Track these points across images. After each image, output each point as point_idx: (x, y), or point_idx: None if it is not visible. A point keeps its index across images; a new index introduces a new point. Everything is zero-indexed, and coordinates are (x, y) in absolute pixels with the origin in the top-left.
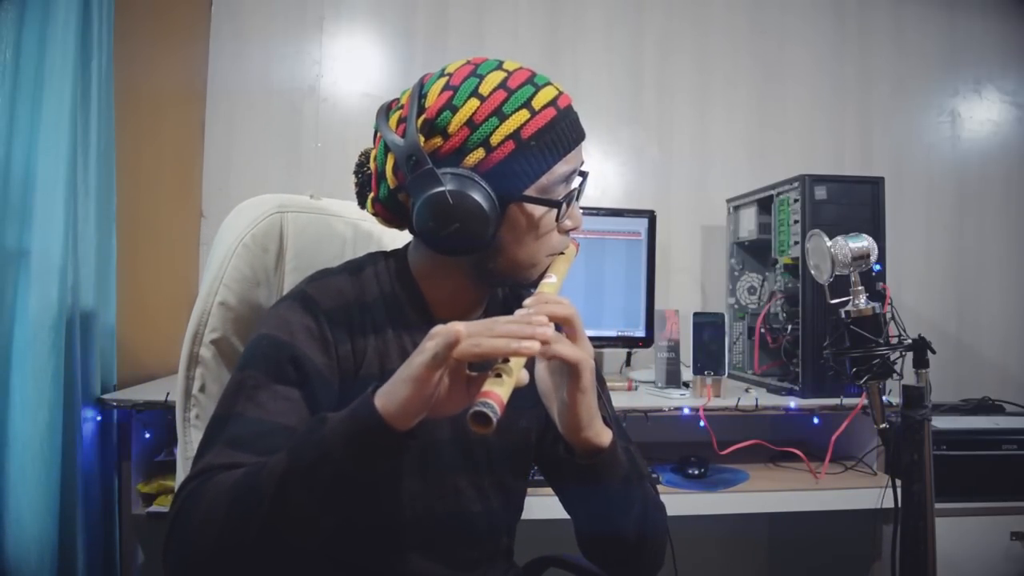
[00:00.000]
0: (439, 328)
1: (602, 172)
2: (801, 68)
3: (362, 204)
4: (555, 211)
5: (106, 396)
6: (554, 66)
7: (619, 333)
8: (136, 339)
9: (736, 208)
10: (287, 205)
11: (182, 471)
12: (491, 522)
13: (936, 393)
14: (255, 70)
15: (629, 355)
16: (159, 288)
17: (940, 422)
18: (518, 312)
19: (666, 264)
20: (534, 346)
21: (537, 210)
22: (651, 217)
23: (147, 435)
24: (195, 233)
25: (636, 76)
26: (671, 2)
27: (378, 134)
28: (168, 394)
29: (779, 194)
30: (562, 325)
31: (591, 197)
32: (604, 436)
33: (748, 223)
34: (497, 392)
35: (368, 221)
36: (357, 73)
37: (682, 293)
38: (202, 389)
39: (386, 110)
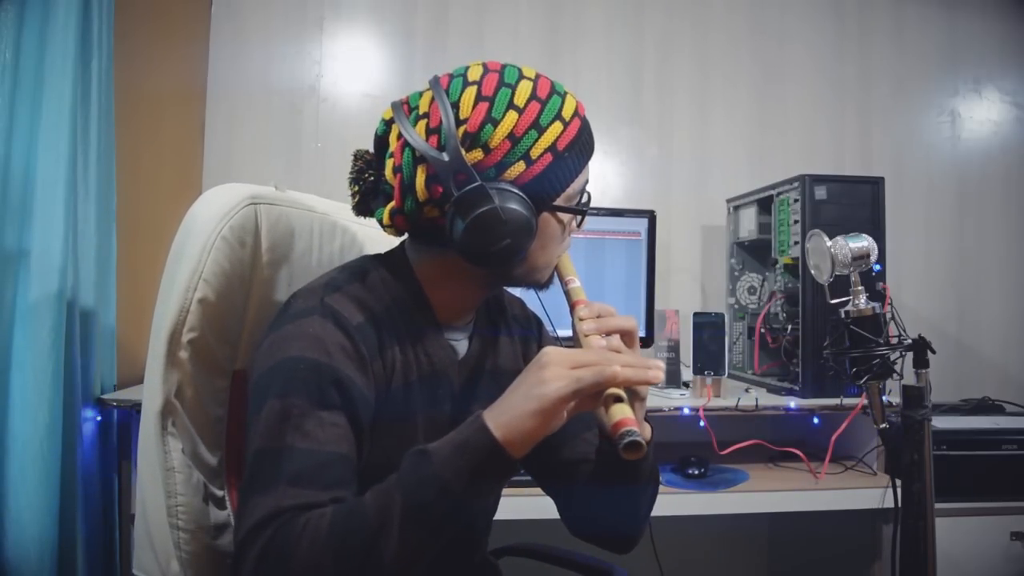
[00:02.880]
0: (551, 358)
1: (602, 172)
2: (801, 68)
3: (362, 212)
4: (572, 218)
5: (106, 396)
6: (554, 66)
7: None
8: (136, 339)
9: (736, 208)
10: (259, 196)
11: (148, 482)
12: (488, 520)
13: (936, 393)
14: (255, 70)
15: None
16: (159, 288)
17: (940, 422)
18: (586, 325)
19: (666, 264)
20: (660, 375)
21: (564, 217)
22: (651, 217)
23: None
24: None
25: (636, 76)
26: (671, 2)
27: (399, 140)
28: None
29: (779, 194)
30: (622, 335)
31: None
32: (647, 431)
33: (748, 223)
34: (631, 416)
35: (333, 215)
36: (357, 73)
37: (682, 293)
38: (178, 394)
39: (406, 125)
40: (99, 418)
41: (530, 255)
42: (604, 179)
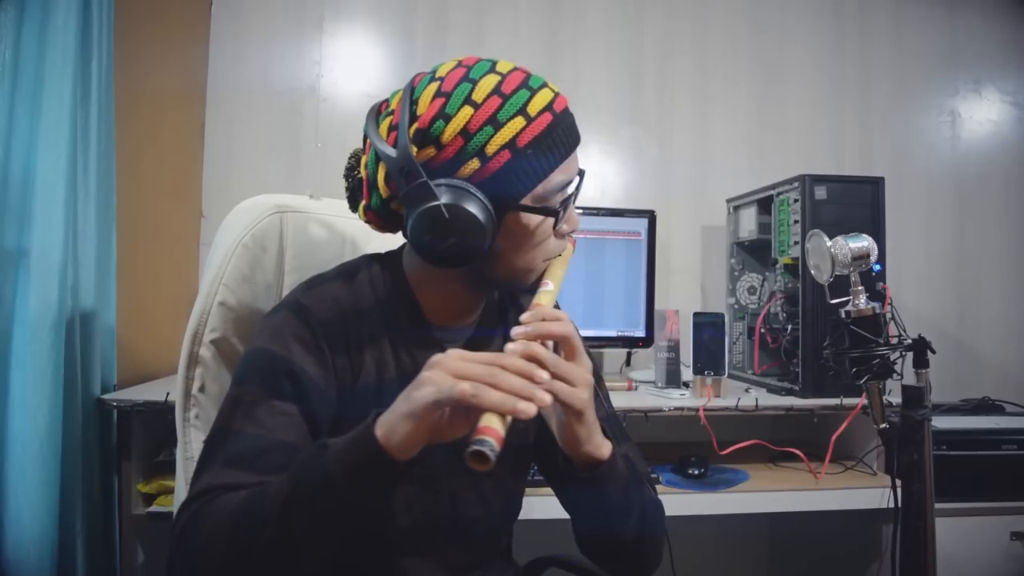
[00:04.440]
0: (439, 360)
1: (602, 172)
2: (801, 68)
3: (353, 209)
4: (548, 219)
5: (106, 396)
6: (554, 66)
7: (619, 333)
8: (136, 339)
9: (736, 208)
10: (286, 205)
11: (182, 472)
12: (491, 524)
13: (936, 393)
14: (255, 70)
15: (629, 355)
16: (159, 288)
17: (940, 422)
18: (515, 330)
19: (666, 264)
20: (531, 410)
21: (534, 219)
22: (651, 217)
23: (147, 435)
24: (195, 233)
25: (636, 76)
26: (671, 2)
27: (368, 139)
28: (168, 394)
29: (779, 194)
30: (560, 344)
31: (591, 197)
32: (604, 449)
33: (748, 223)
34: (496, 428)
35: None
36: (357, 73)
37: (682, 293)
38: (202, 389)
39: (375, 115)
40: (99, 418)
41: (503, 257)
42: (604, 179)
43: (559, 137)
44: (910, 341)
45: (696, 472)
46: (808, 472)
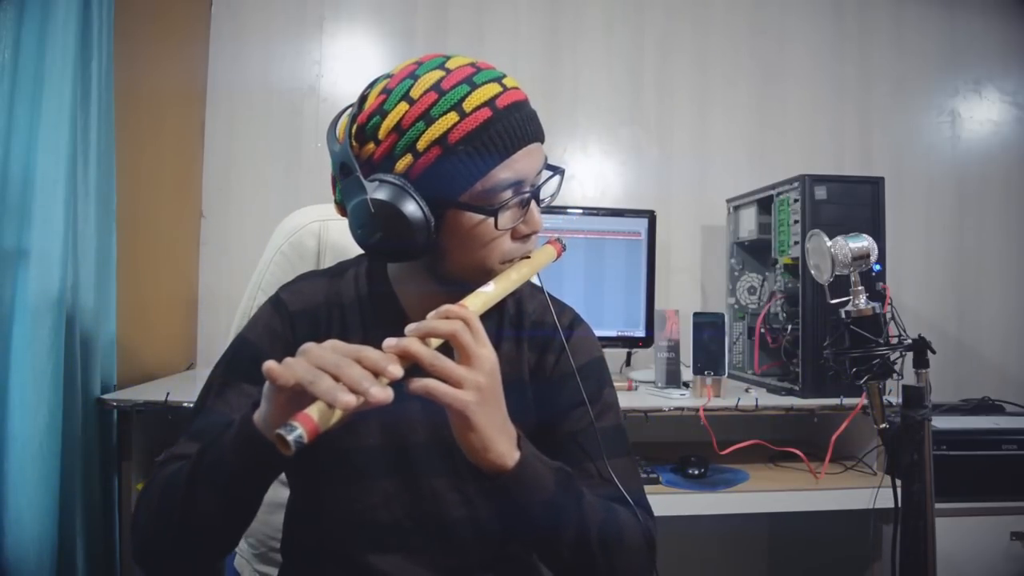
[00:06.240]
0: (305, 348)
1: (602, 172)
2: (801, 68)
3: None
4: (492, 219)
5: (106, 396)
6: (554, 66)
7: (619, 333)
8: (136, 339)
9: (736, 208)
10: (327, 215)
11: None
12: (479, 527)
13: (936, 393)
14: (255, 70)
15: (629, 355)
16: (159, 288)
17: (940, 422)
18: (408, 327)
19: (666, 264)
20: (351, 402)
21: (474, 217)
22: (651, 217)
23: (147, 435)
24: (195, 233)
25: (636, 76)
26: (671, 2)
27: None
28: (168, 394)
29: (779, 194)
30: (450, 342)
31: (591, 197)
32: (507, 458)
33: (748, 223)
34: (312, 416)
35: None
36: (357, 73)
37: (682, 293)
38: None
39: (336, 118)
40: (99, 418)
41: (451, 254)
42: (604, 179)
43: (498, 134)
44: (910, 341)
45: (696, 472)
46: (808, 472)
